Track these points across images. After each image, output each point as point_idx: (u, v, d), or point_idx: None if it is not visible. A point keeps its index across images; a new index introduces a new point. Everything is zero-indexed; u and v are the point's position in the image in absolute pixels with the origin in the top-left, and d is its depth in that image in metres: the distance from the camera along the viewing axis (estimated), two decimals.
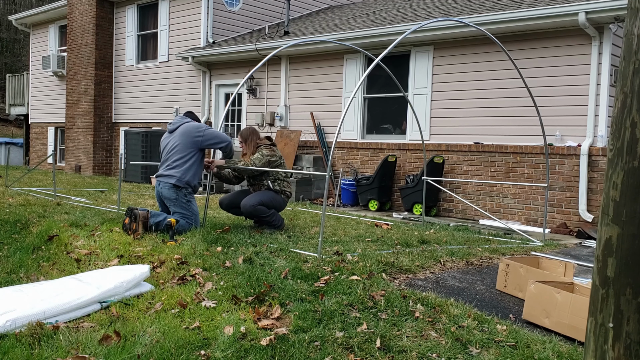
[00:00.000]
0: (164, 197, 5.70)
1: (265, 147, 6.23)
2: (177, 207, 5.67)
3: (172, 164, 5.68)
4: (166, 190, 5.64)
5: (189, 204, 5.75)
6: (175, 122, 5.93)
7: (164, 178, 5.68)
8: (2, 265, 4.52)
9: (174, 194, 5.62)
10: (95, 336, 2.98)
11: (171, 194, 5.62)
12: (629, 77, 1.55)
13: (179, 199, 5.66)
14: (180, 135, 5.76)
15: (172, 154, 5.71)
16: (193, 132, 5.74)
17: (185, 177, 5.64)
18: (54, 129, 17.62)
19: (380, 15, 11.55)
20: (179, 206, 5.67)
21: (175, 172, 5.63)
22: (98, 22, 15.15)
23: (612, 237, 1.56)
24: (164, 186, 5.67)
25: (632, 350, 1.51)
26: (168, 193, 5.63)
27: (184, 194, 5.69)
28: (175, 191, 5.63)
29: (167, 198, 5.66)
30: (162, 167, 5.83)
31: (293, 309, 3.46)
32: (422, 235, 6.39)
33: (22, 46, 30.98)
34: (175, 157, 5.68)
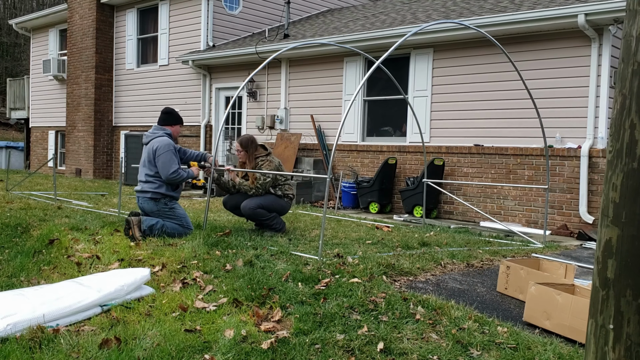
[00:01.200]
0: (147, 212, 5.76)
1: (264, 161, 6.16)
2: (161, 217, 5.71)
3: (144, 178, 5.79)
4: (146, 205, 5.74)
5: (173, 210, 5.78)
6: (147, 135, 5.94)
7: (140, 194, 5.80)
8: (3, 269, 4.52)
9: (154, 207, 5.70)
10: (96, 340, 2.98)
11: (152, 207, 5.70)
12: (627, 79, 1.56)
13: (160, 210, 5.72)
14: (146, 151, 5.86)
15: (144, 168, 5.81)
16: (151, 154, 5.77)
17: (159, 190, 5.71)
18: (54, 133, 17.63)
19: (380, 18, 11.57)
20: (163, 216, 5.73)
21: (149, 186, 5.72)
22: (98, 26, 15.17)
23: (612, 238, 1.56)
24: (142, 201, 5.76)
25: (632, 351, 1.51)
26: (149, 207, 5.72)
27: (164, 203, 5.73)
28: (155, 204, 5.70)
29: (150, 211, 5.72)
30: (139, 181, 5.94)
31: (294, 312, 3.46)
32: (422, 237, 6.38)
33: (22, 50, 31.02)
34: (145, 172, 5.77)
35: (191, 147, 13.77)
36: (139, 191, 5.83)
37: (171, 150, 5.73)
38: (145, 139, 5.90)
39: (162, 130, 5.88)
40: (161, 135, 5.83)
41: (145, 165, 5.78)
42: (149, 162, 5.75)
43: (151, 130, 5.95)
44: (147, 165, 5.76)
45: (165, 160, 5.68)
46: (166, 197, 5.75)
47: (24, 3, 33.90)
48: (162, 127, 5.94)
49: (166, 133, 5.87)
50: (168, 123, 5.99)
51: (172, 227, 5.67)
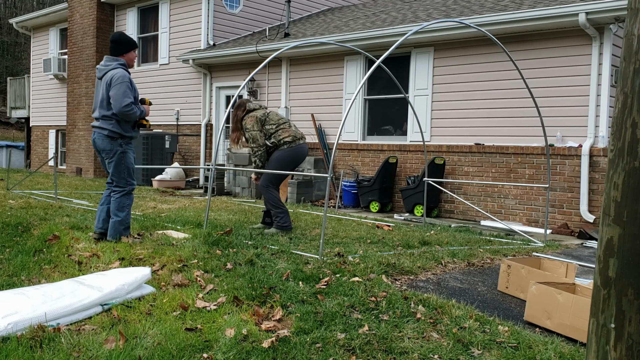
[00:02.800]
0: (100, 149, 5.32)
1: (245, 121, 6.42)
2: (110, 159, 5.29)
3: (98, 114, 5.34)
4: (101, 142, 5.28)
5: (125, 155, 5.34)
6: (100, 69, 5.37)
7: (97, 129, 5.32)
8: (4, 268, 4.52)
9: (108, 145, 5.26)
10: (97, 339, 2.98)
11: (106, 145, 5.26)
12: (629, 78, 1.55)
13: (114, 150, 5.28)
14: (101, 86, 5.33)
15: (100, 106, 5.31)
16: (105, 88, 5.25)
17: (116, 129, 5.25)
18: (55, 132, 17.64)
19: (380, 16, 11.56)
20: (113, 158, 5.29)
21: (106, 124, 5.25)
22: (99, 24, 15.17)
23: (614, 237, 1.56)
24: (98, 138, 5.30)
25: (634, 350, 1.50)
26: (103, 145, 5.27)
27: (119, 144, 5.29)
28: (110, 142, 5.26)
29: (102, 149, 5.30)
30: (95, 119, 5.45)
31: (294, 311, 3.46)
32: (423, 236, 6.38)
33: (23, 49, 31.03)
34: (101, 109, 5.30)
35: (192, 146, 13.78)
36: (95, 127, 5.32)
37: (126, 82, 5.21)
38: (99, 73, 5.38)
39: (115, 62, 5.32)
40: (115, 67, 5.29)
41: (102, 102, 5.27)
42: (105, 97, 5.25)
43: (103, 63, 5.40)
44: (104, 102, 5.25)
45: (118, 92, 5.15)
46: (124, 138, 5.30)
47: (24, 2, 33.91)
48: (115, 57, 5.36)
49: (120, 64, 5.33)
50: (119, 52, 5.39)
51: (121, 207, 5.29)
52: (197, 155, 13.63)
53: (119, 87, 5.15)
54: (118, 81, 5.16)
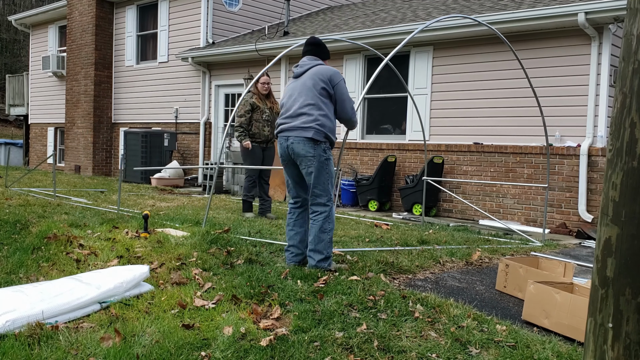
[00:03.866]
0: (295, 155, 4.40)
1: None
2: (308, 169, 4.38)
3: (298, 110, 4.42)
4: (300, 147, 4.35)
5: (328, 163, 4.44)
6: (302, 65, 4.55)
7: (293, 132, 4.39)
8: (2, 266, 4.52)
9: (310, 151, 4.33)
10: (95, 336, 2.98)
11: (307, 151, 4.33)
12: (628, 78, 1.56)
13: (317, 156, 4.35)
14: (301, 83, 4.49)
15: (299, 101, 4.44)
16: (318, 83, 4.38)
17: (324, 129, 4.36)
18: (53, 130, 17.62)
19: (380, 15, 11.55)
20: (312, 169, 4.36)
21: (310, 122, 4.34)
22: (98, 22, 15.15)
23: (612, 237, 1.56)
24: (296, 142, 4.36)
25: (631, 350, 1.51)
26: (303, 151, 4.34)
27: (323, 149, 4.39)
28: (313, 147, 4.33)
29: (301, 156, 4.36)
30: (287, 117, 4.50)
31: (293, 309, 3.46)
32: (421, 235, 6.39)
33: (21, 46, 30.98)
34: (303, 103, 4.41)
35: (191, 144, 13.77)
36: (290, 129, 4.36)
37: (343, 80, 4.47)
38: (300, 69, 4.51)
39: (318, 62, 4.54)
40: (321, 64, 4.52)
41: (301, 98, 4.38)
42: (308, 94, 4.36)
43: (303, 62, 4.56)
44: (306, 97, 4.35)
45: (343, 91, 4.40)
46: (327, 143, 4.38)
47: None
48: (315, 58, 4.57)
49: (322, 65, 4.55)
50: (321, 56, 4.61)
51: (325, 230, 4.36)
52: (196, 153, 13.62)
53: (344, 87, 4.44)
54: (339, 78, 4.41)
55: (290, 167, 4.51)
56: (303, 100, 4.37)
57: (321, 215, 4.35)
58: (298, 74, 4.53)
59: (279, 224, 6.91)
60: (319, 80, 4.35)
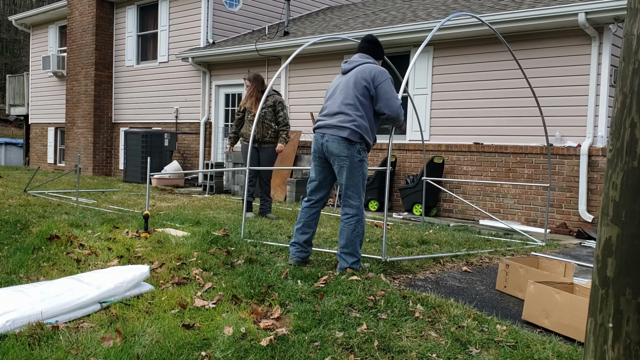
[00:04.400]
0: (329, 154, 4.38)
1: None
2: (341, 169, 4.36)
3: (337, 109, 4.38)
4: (335, 147, 4.32)
5: (362, 165, 4.39)
6: (351, 61, 4.52)
7: (330, 130, 4.36)
8: (2, 266, 4.52)
9: (344, 150, 4.30)
10: (95, 336, 2.98)
11: (341, 150, 4.31)
12: (628, 78, 1.56)
13: (351, 157, 4.32)
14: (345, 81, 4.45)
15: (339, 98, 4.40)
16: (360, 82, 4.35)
17: (360, 130, 4.34)
18: (54, 130, 17.62)
19: (380, 15, 11.55)
20: (345, 169, 4.34)
21: (348, 122, 4.32)
22: (98, 22, 15.15)
23: (612, 237, 1.56)
24: (331, 141, 4.34)
25: (631, 350, 1.51)
26: (337, 150, 4.31)
27: (358, 150, 4.35)
28: (348, 147, 4.30)
29: (335, 155, 4.34)
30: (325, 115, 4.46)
31: (293, 309, 3.46)
32: (422, 235, 6.39)
33: (22, 47, 30.98)
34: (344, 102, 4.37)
35: (191, 144, 13.78)
36: (327, 126, 4.34)
37: (390, 79, 4.35)
38: (348, 65, 4.46)
39: (367, 60, 4.48)
40: (370, 62, 4.45)
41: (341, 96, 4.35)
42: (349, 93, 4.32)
43: (353, 58, 4.52)
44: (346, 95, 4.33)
45: (388, 89, 4.30)
46: (363, 143, 4.33)
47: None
48: (366, 56, 4.51)
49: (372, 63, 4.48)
50: (374, 55, 4.54)
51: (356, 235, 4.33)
52: (196, 153, 13.62)
53: (387, 84, 4.33)
54: (384, 76, 4.34)
55: (321, 164, 4.47)
56: (343, 98, 4.34)
57: (353, 218, 4.32)
58: (345, 71, 4.47)
59: (279, 224, 6.91)
60: (361, 79, 4.31)
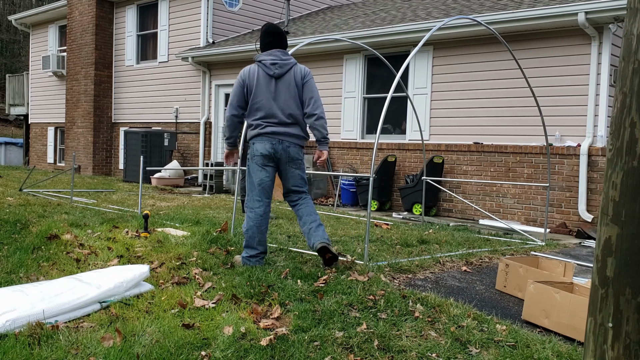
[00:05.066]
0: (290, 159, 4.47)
1: None
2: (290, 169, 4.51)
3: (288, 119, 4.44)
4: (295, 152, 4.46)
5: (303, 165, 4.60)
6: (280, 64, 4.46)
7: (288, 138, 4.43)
8: (2, 265, 4.52)
9: (297, 155, 4.49)
10: (95, 336, 2.98)
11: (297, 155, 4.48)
12: (628, 77, 1.56)
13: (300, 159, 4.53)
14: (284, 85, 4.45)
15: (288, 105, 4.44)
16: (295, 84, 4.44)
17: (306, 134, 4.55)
18: (53, 129, 17.62)
19: (380, 15, 11.55)
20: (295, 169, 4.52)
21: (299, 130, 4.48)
22: (98, 22, 15.15)
23: (612, 237, 1.56)
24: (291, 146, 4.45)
25: (631, 350, 1.51)
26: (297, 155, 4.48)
27: (304, 152, 4.63)
28: (299, 152, 4.51)
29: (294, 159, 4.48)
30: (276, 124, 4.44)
31: (293, 309, 3.46)
32: (421, 235, 6.39)
33: (21, 46, 30.98)
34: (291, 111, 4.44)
35: (191, 144, 13.78)
36: (285, 134, 4.39)
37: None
38: (279, 69, 4.40)
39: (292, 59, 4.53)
40: (296, 63, 4.52)
41: (288, 102, 4.39)
42: (296, 100, 4.40)
43: (280, 56, 4.47)
44: (292, 101, 4.39)
45: (315, 89, 4.44)
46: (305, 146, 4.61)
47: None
48: (286, 52, 4.59)
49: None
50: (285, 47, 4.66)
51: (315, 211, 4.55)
52: (196, 153, 13.62)
53: (314, 84, 4.46)
54: (311, 75, 4.47)
55: (272, 168, 4.46)
56: (292, 106, 4.41)
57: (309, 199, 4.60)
58: (279, 75, 4.40)
59: (279, 224, 6.91)
60: (298, 85, 4.43)
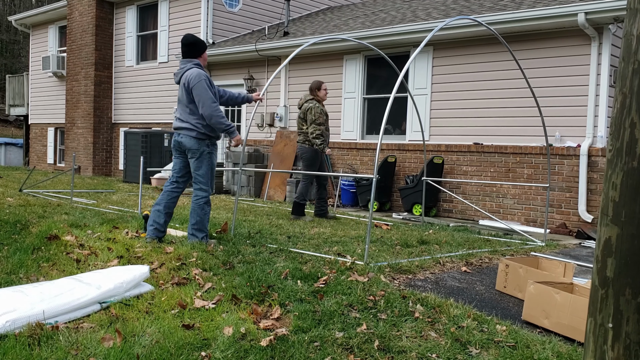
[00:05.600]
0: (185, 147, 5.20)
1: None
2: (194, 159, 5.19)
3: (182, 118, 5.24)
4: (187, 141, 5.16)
5: (210, 157, 5.26)
6: (177, 73, 5.33)
7: (183, 131, 5.21)
8: (2, 266, 4.52)
9: (195, 144, 5.15)
10: (95, 337, 2.98)
11: (193, 144, 5.15)
12: (628, 78, 1.56)
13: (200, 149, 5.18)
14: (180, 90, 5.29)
15: (181, 108, 5.28)
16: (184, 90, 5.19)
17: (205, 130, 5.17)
18: (53, 130, 17.62)
19: (380, 15, 11.56)
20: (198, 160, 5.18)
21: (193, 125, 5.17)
22: (98, 22, 15.15)
23: (612, 237, 1.56)
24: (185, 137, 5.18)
25: (631, 350, 1.51)
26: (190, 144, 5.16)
27: (207, 144, 5.22)
28: (197, 142, 5.16)
29: (189, 147, 5.16)
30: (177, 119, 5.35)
31: (293, 310, 3.46)
32: (421, 235, 6.39)
33: (21, 47, 30.98)
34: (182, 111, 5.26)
35: None
36: (179, 128, 5.21)
37: (204, 80, 5.11)
38: (176, 78, 5.33)
39: (190, 62, 5.26)
40: (190, 68, 5.21)
41: (182, 105, 5.24)
42: (185, 101, 5.19)
43: (179, 66, 5.34)
44: (183, 104, 5.21)
45: (201, 90, 5.07)
46: (211, 138, 5.22)
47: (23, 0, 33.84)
48: (189, 59, 5.30)
49: (195, 64, 5.26)
50: (193, 55, 5.33)
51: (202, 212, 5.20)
52: None
53: (199, 86, 5.06)
54: (196, 79, 5.08)
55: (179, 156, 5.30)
56: (182, 109, 5.23)
57: (202, 199, 5.21)
58: (177, 82, 5.30)
59: (279, 224, 6.91)
60: (187, 88, 5.14)
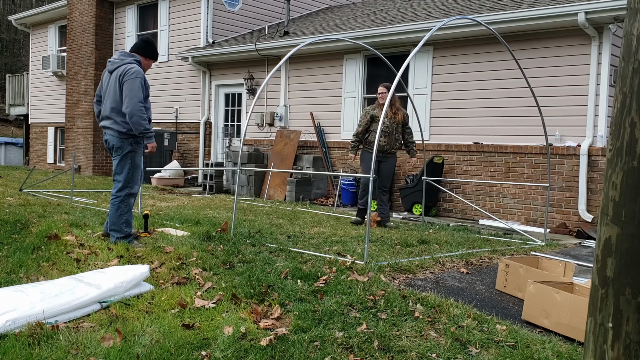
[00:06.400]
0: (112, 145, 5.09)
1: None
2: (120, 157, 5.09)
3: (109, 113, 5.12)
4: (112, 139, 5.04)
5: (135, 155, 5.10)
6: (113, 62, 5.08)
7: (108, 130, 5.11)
8: (2, 266, 4.52)
9: (119, 143, 5.04)
10: (95, 336, 2.98)
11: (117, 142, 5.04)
12: (628, 77, 1.56)
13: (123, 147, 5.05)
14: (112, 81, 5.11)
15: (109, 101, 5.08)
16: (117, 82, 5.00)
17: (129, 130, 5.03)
18: (53, 129, 17.61)
19: (380, 15, 11.55)
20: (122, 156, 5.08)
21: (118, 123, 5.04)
22: (98, 22, 15.15)
23: (612, 237, 1.56)
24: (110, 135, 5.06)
25: (631, 350, 1.51)
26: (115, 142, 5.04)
27: (130, 143, 5.06)
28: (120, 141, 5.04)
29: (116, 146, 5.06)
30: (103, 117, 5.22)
31: (293, 309, 3.46)
32: (421, 235, 6.39)
33: (21, 46, 30.98)
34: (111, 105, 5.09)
35: (191, 144, 13.77)
36: (105, 127, 5.05)
37: (140, 79, 4.89)
38: (111, 66, 5.02)
39: (132, 57, 5.03)
40: (130, 62, 4.98)
41: (109, 99, 4.99)
42: (113, 95, 4.96)
43: (117, 56, 5.06)
44: (110, 99, 4.98)
45: (133, 87, 4.84)
46: (135, 137, 5.03)
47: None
48: (132, 53, 5.10)
49: (135, 60, 5.03)
50: (141, 52, 5.13)
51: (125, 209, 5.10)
52: (196, 153, 13.62)
53: (133, 82, 4.85)
54: (133, 75, 4.87)
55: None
56: (110, 102, 5.00)
57: (117, 199, 5.09)
58: (110, 71, 5.06)
59: (279, 224, 6.91)
60: (120, 81, 4.93)
